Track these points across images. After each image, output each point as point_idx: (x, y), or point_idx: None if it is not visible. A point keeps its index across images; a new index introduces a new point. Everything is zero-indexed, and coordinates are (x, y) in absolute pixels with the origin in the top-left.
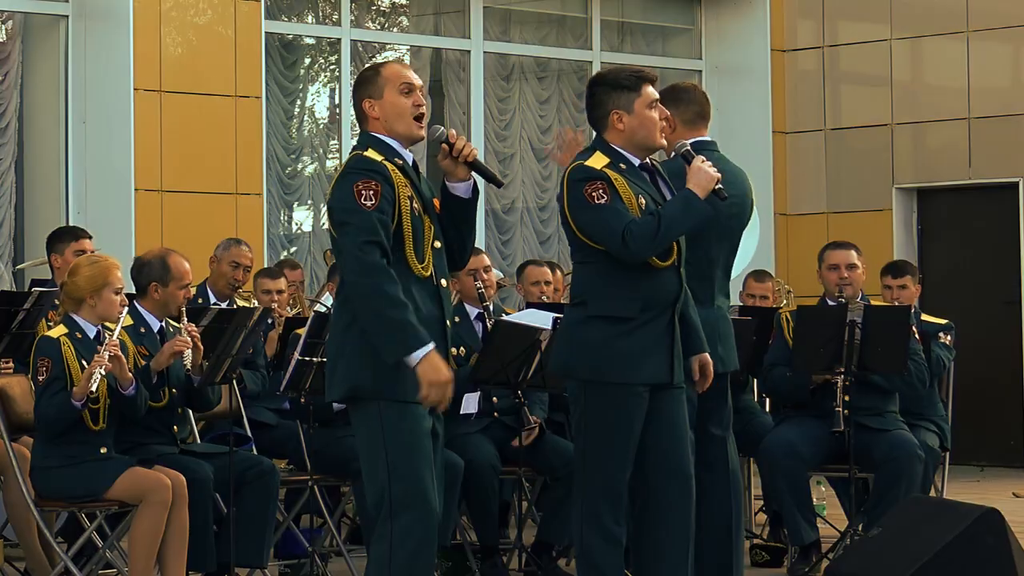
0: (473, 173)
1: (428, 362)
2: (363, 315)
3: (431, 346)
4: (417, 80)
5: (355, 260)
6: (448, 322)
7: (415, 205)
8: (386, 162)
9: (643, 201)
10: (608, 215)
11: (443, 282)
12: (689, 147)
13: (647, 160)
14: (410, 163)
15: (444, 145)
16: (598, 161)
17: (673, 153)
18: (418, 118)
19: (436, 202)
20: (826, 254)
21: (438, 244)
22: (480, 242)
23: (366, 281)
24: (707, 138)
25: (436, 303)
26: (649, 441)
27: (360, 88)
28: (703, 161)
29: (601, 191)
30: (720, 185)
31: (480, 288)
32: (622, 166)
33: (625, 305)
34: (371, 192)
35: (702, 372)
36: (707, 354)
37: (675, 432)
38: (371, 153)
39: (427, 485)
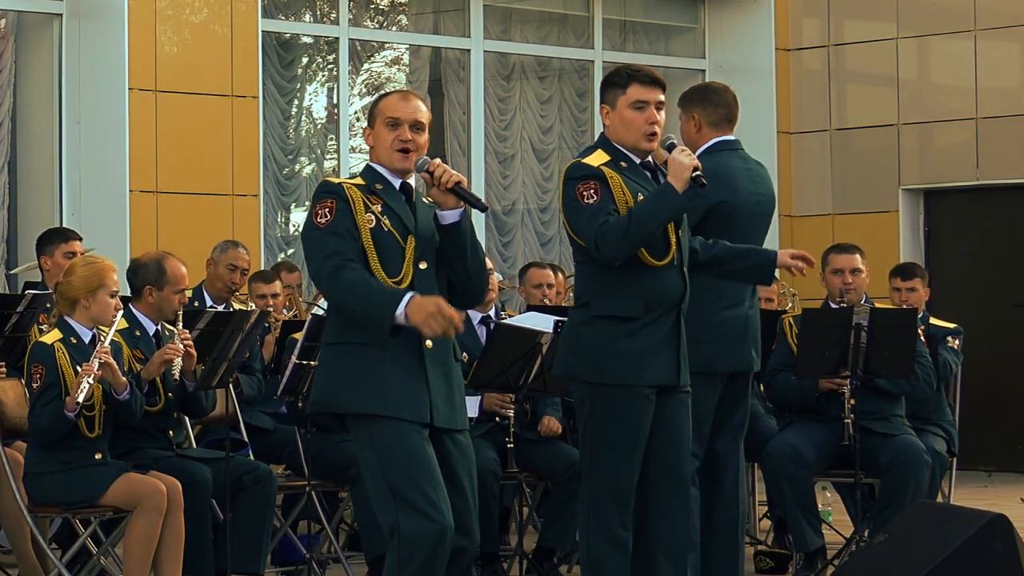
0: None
1: (411, 306)
2: (352, 314)
3: (408, 295)
4: (408, 115)
5: (321, 279)
6: (429, 343)
7: (384, 221)
8: (348, 183)
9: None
10: (589, 215)
11: None
12: (673, 139)
13: (650, 159)
14: (397, 187)
15: (425, 175)
16: (597, 159)
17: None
18: (402, 151)
19: None
20: (830, 258)
21: (424, 265)
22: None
23: (333, 287)
24: (730, 137)
25: None
26: (651, 445)
27: (368, 117)
28: (681, 151)
29: (592, 191)
30: (698, 172)
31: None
32: (622, 164)
33: (627, 305)
34: (326, 210)
35: None
36: None
37: (677, 437)
38: (336, 179)
39: (431, 498)
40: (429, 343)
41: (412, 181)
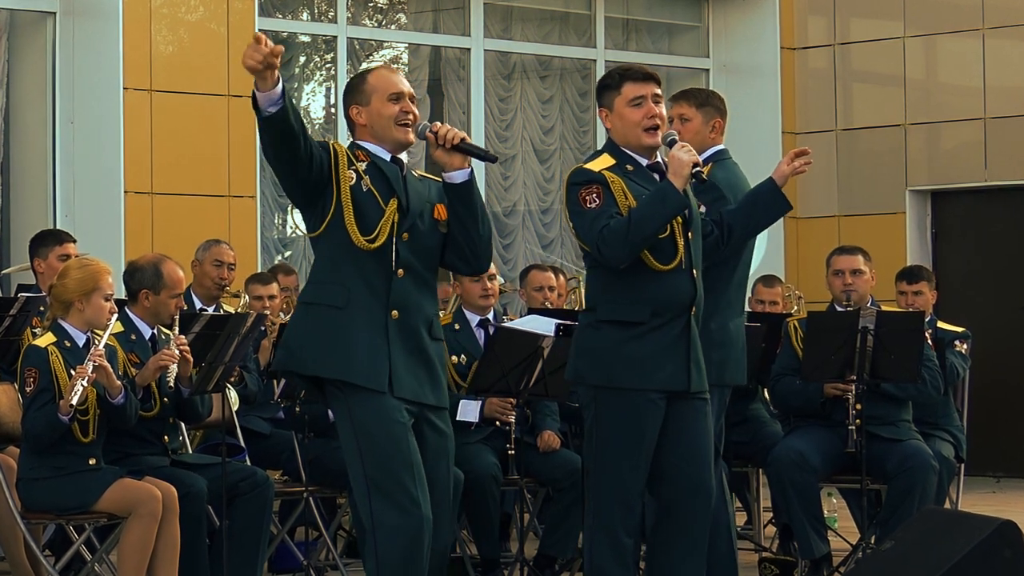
0: (470, 158)
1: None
2: (276, 140)
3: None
4: (406, 87)
5: None
6: (395, 312)
7: (365, 180)
8: (339, 145)
9: None
10: (591, 220)
11: (400, 272)
12: (675, 135)
13: (659, 159)
14: (387, 160)
15: (429, 135)
16: (601, 163)
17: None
18: (404, 124)
19: (440, 209)
20: (832, 259)
21: (406, 236)
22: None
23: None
24: (722, 146)
25: (383, 288)
26: (665, 455)
27: (348, 95)
28: (681, 147)
29: (594, 195)
30: (698, 168)
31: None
32: (628, 167)
33: (633, 310)
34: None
35: None
36: None
37: (695, 446)
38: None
39: (410, 492)
40: (395, 312)
41: (405, 158)
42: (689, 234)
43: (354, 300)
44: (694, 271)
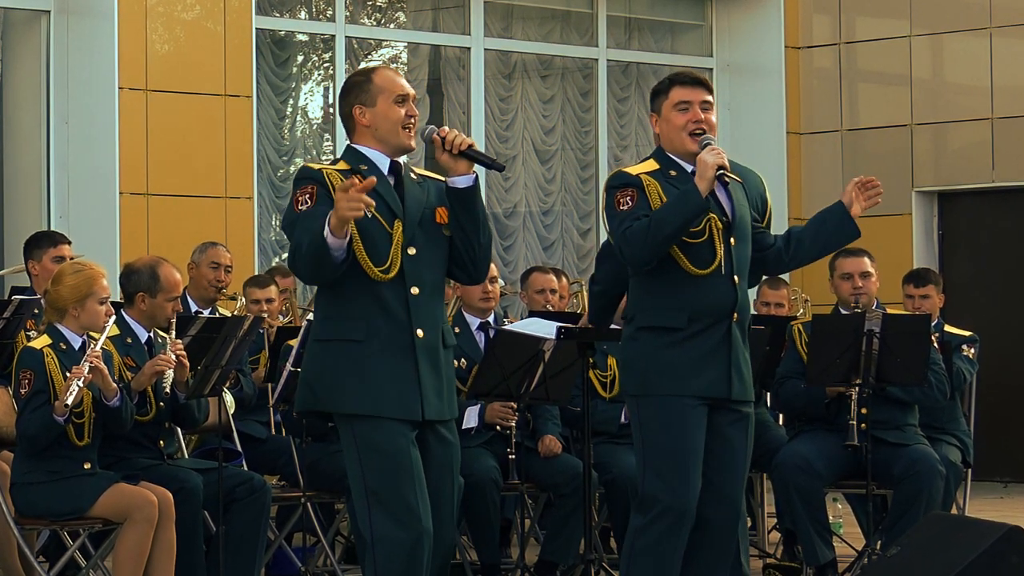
0: (475, 164)
1: (330, 216)
2: (314, 272)
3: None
4: (410, 89)
5: (292, 257)
6: (420, 331)
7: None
8: (329, 169)
9: None
10: (619, 221)
11: (414, 290)
12: (711, 140)
13: None
14: (384, 170)
15: (436, 137)
16: (642, 167)
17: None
18: (408, 128)
19: (442, 212)
20: (838, 262)
21: (412, 251)
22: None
23: (295, 258)
24: None
25: (403, 310)
26: (704, 463)
27: (350, 94)
28: (711, 151)
29: (628, 198)
30: (723, 171)
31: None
32: (671, 173)
33: (670, 316)
34: (306, 197)
35: None
36: None
37: (731, 461)
38: (315, 164)
39: (411, 506)
40: (420, 332)
41: (403, 160)
42: (731, 240)
43: (373, 331)
44: (735, 277)
